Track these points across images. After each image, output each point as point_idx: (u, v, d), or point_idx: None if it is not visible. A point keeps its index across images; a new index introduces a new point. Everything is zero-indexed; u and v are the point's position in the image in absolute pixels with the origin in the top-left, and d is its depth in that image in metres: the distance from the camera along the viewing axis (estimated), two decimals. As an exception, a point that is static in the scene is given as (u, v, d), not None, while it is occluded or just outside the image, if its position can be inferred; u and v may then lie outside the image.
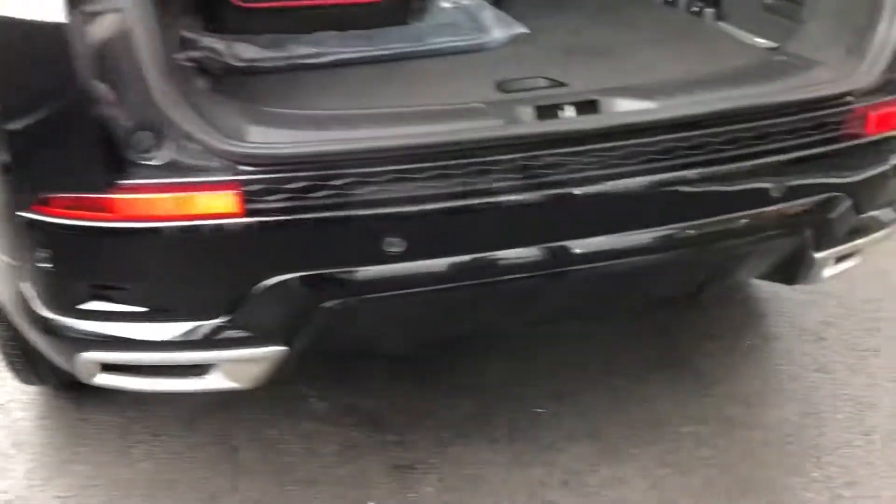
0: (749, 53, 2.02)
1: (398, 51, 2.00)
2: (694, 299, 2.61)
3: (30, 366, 2.16)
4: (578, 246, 1.68)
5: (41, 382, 2.29)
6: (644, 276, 1.82)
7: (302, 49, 1.94)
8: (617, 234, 1.69)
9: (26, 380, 2.28)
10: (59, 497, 2.07)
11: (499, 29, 2.13)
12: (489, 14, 2.19)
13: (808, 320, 2.76)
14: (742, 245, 1.80)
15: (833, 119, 1.70)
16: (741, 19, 2.34)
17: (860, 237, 1.92)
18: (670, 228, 1.72)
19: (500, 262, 1.61)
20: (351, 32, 2.02)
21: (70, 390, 2.33)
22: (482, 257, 1.59)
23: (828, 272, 1.99)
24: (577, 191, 1.59)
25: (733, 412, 2.34)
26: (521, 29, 2.18)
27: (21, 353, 2.11)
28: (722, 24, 2.40)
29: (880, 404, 2.37)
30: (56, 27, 1.30)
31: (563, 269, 1.69)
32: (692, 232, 1.72)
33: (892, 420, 2.32)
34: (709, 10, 2.40)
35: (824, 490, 2.08)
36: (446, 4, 2.17)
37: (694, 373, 2.49)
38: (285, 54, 1.93)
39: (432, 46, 2.03)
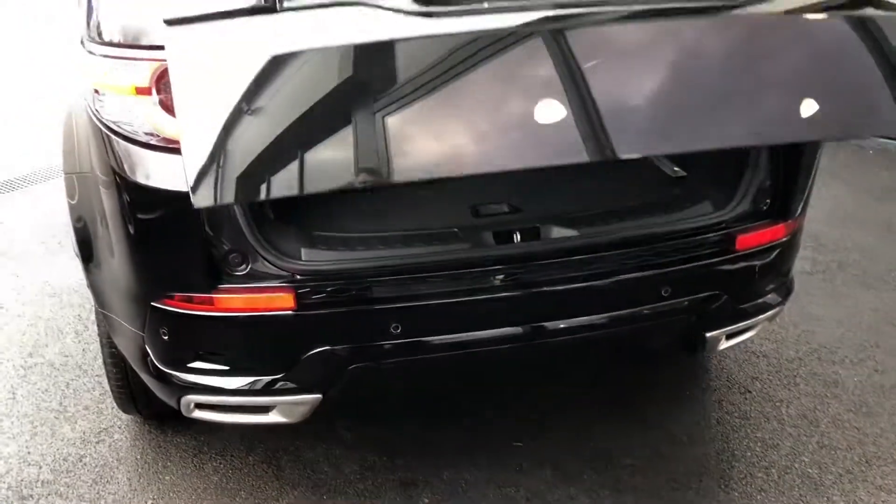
0: (661, 184, 2.69)
1: None
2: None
3: (130, 399, 2.91)
4: (533, 326, 2.39)
5: (136, 412, 3.02)
6: (579, 345, 2.52)
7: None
8: (561, 320, 2.39)
9: (125, 409, 3.02)
10: (153, 499, 2.78)
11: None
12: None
13: (741, 375, 3.38)
14: (645, 327, 2.49)
15: (710, 240, 2.40)
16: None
17: (741, 321, 2.60)
18: (600, 317, 2.42)
19: (466, 340, 2.31)
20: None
21: (156, 419, 3.03)
22: (453, 337, 2.30)
23: (723, 345, 2.67)
24: (526, 291, 2.30)
25: (665, 449, 2.97)
26: None
27: (126, 389, 2.86)
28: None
29: (781, 445, 2.99)
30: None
31: (520, 343, 2.40)
32: (609, 318, 2.42)
33: (788, 458, 2.94)
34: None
35: (725, 510, 2.73)
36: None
37: (640, 416, 3.13)
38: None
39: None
